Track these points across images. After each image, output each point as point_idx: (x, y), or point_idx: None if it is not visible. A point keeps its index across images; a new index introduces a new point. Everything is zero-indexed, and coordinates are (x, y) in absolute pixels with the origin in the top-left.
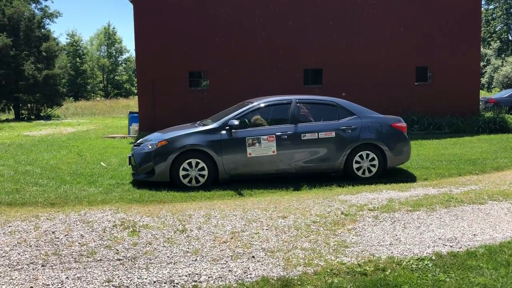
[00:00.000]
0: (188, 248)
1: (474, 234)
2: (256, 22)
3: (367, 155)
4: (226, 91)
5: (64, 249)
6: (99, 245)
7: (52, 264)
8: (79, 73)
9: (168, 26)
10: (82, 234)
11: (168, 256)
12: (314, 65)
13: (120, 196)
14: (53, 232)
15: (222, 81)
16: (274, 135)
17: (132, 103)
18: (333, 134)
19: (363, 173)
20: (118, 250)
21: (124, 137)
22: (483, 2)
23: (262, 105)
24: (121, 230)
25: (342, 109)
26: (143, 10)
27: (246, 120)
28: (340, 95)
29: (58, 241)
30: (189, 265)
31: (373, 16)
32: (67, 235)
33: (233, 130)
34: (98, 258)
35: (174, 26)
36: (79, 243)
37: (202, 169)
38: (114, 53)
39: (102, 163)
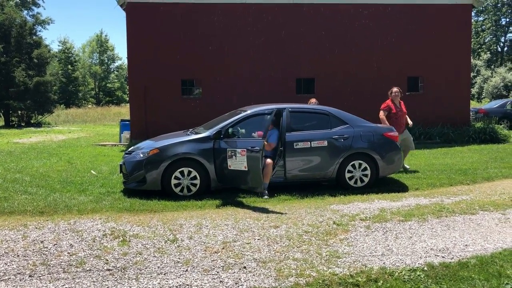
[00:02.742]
0: (179, 258)
1: (466, 245)
2: (249, 31)
3: (360, 164)
4: (219, 99)
5: (53, 259)
6: (88, 255)
7: (40, 275)
8: (70, 80)
9: (161, 34)
10: (71, 244)
11: (158, 267)
12: (306, 74)
13: (110, 205)
14: (41, 242)
15: (214, 89)
16: (245, 149)
17: (124, 111)
18: (325, 143)
19: (355, 182)
20: (107, 260)
21: (115, 145)
22: (472, 14)
23: (255, 113)
24: (111, 240)
25: (335, 118)
26: (136, 17)
27: (239, 129)
28: (332, 104)
29: (47, 250)
30: (180, 275)
31: (365, 26)
32: (56, 244)
33: (225, 139)
34: (87, 268)
35: (166, 34)
36: (68, 253)
37: (194, 178)
38: (106, 61)
39: (92, 171)
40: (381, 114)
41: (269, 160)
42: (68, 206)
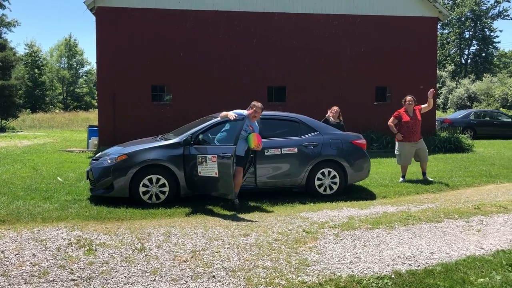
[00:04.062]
0: (147, 268)
1: (432, 252)
2: (221, 39)
3: (329, 172)
4: (189, 105)
5: (14, 270)
6: (52, 265)
7: (0, 286)
8: (37, 84)
9: (131, 39)
10: (34, 253)
11: (125, 276)
12: (277, 82)
13: (76, 213)
14: (2, 252)
15: (185, 96)
16: (216, 156)
17: (92, 116)
18: (295, 150)
19: (325, 190)
20: (72, 270)
21: (82, 151)
22: (438, 27)
23: (226, 120)
24: (76, 249)
25: (304, 125)
26: (106, 22)
27: (209, 135)
28: (302, 112)
29: (8, 261)
30: (147, 285)
31: (335, 36)
32: (17, 254)
33: (195, 145)
34: (51, 279)
35: (137, 39)
36: (31, 263)
37: (163, 185)
38: (75, 65)
39: (58, 178)
40: (390, 121)
41: (239, 169)
42: (31, 214)
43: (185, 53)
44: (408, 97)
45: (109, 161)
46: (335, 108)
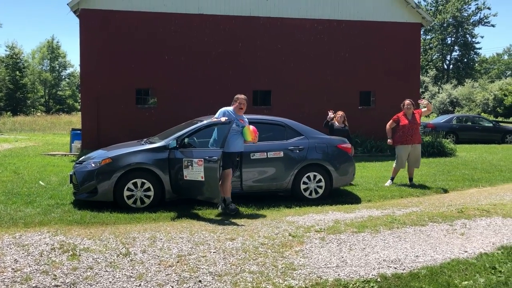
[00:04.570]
0: (132, 273)
1: (417, 256)
2: (206, 42)
3: (314, 176)
4: (175, 109)
5: None
6: (35, 271)
7: None
8: (18, 87)
9: (116, 42)
10: (16, 259)
11: (110, 281)
12: (263, 86)
13: (59, 217)
14: None
15: (170, 99)
16: (202, 159)
17: (75, 119)
18: (281, 154)
19: (310, 194)
20: (56, 276)
21: (65, 154)
22: (421, 32)
23: (212, 123)
24: (60, 254)
25: (290, 129)
26: (90, 25)
27: (195, 139)
28: (287, 116)
29: None
30: None
31: (320, 40)
32: None
33: (181, 149)
34: (33, 285)
35: (121, 42)
36: (12, 269)
37: (148, 189)
38: (58, 68)
39: (40, 182)
40: (387, 125)
41: (227, 171)
42: (13, 218)
43: (170, 56)
44: (407, 101)
45: (93, 165)
46: (340, 113)
